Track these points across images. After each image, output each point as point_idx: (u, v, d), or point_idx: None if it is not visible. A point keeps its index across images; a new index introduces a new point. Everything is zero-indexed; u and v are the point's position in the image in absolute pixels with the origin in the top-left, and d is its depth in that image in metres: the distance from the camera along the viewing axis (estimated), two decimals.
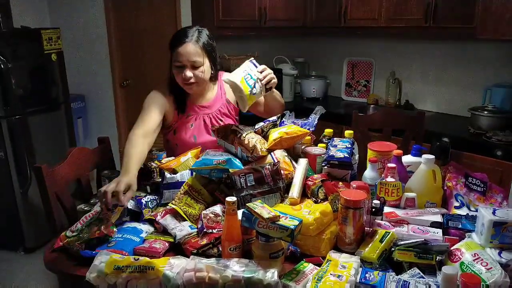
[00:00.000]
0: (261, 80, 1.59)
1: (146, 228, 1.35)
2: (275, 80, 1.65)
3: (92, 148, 1.83)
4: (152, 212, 1.40)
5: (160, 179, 1.50)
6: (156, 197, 1.47)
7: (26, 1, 3.53)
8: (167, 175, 1.47)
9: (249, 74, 1.58)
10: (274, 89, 1.71)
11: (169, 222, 1.32)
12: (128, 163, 1.44)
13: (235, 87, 1.56)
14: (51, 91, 3.12)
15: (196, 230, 1.29)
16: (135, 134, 1.58)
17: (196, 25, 1.76)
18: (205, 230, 1.24)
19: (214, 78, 1.82)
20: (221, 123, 1.83)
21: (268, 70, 1.63)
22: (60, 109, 3.20)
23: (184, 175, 1.48)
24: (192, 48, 1.65)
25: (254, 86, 1.57)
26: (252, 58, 1.66)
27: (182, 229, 1.29)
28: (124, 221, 1.38)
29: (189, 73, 1.67)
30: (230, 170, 1.41)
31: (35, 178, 1.51)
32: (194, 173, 1.48)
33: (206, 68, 1.71)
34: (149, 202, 1.43)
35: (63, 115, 3.23)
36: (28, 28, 2.99)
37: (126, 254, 1.20)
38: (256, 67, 1.62)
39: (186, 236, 1.27)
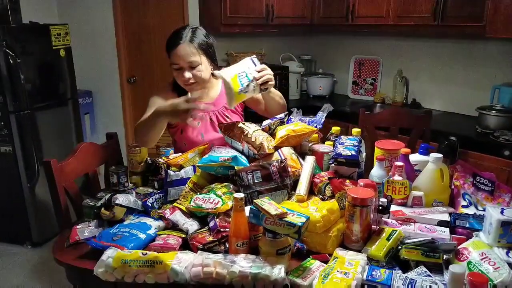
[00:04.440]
0: (256, 80, 1.55)
1: (155, 224, 1.33)
2: (272, 82, 1.61)
3: (100, 144, 1.85)
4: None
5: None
6: (161, 195, 1.46)
7: None
8: (171, 172, 1.46)
9: (245, 72, 1.55)
10: (273, 90, 1.70)
11: (178, 218, 1.33)
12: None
13: (225, 83, 1.54)
14: (59, 87, 3.14)
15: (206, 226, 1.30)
16: None
17: (189, 24, 1.75)
18: (218, 228, 1.24)
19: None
20: (228, 120, 1.83)
21: (267, 71, 1.59)
22: (68, 104, 3.22)
23: (188, 171, 1.49)
24: (187, 49, 1.65)
25: (247, 86, 1.54)
26: (254, 56, 1.64)
27: (193, 224, 1.31)
28: (138, 213, 1.39)
29: (187, 74, 1.67)
30: (236, 168, 1.41)
31: (44, 173, 1.52)
32: (197, 168, 1.48)
33: (204, 67, 1.70)
34: (154, 203, 1.43)
35: (71, 111, 3.26)
36: (37, 24, 3.01)
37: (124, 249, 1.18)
38: (255, 65, 1.58)
39: (198, 231, 1.28)
